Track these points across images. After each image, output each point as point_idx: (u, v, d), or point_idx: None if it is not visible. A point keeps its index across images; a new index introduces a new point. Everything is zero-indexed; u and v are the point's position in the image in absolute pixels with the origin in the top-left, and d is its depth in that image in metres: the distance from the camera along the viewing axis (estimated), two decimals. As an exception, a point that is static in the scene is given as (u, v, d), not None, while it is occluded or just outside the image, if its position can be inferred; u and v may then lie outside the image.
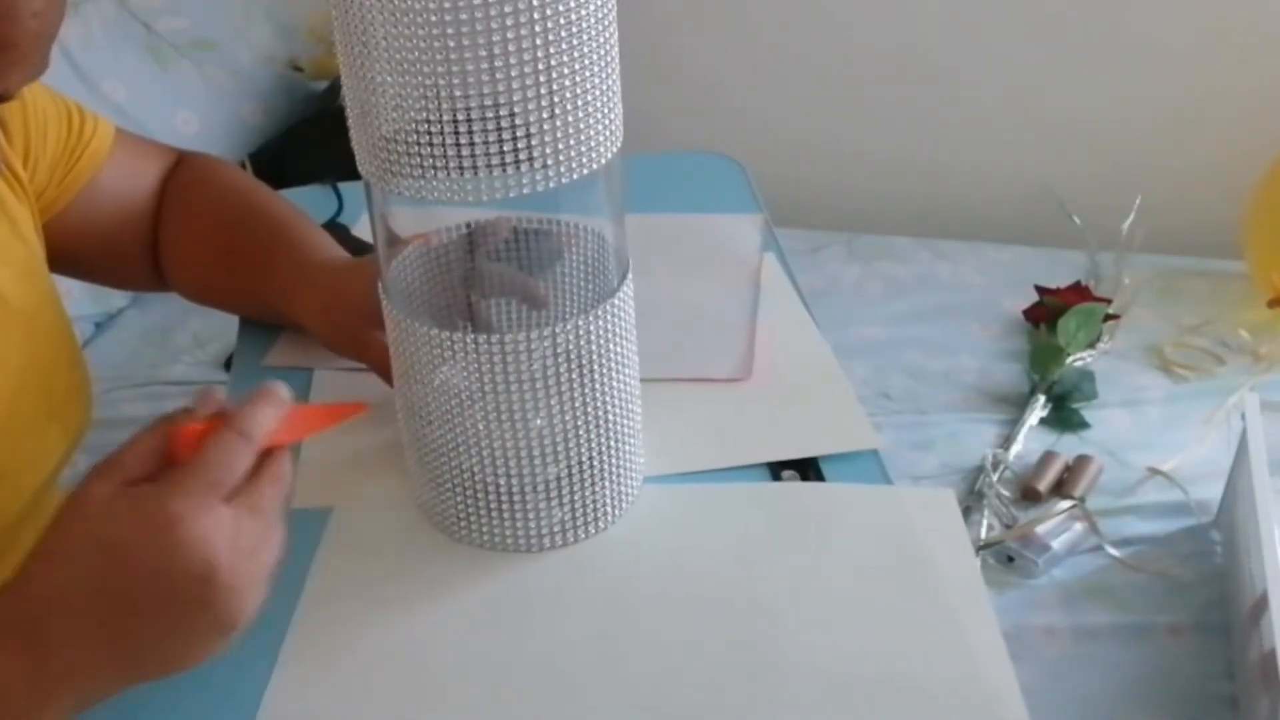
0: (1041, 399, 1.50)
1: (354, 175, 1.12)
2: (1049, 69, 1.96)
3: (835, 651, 0.66)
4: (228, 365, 1.53)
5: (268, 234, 0.90)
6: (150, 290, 1.00)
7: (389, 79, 0.60)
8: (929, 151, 2.04)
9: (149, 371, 1.57)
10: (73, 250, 0.88)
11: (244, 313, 0.97)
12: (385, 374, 0.76)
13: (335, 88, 1.98)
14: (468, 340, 0.66)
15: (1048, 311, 1.63)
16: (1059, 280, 1.68)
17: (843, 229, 1.92)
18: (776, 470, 0.79)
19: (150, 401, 1.52)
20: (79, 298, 1.58)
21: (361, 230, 1.08)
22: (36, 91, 0.83)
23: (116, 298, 1.67)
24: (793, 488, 0.78)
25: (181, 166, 0.96)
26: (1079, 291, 1.66)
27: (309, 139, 1.86)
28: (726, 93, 2.08)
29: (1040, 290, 1.67)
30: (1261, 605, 1.05)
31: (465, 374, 0.67)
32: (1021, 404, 1.51)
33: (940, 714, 0.63)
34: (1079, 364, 1.56)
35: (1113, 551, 1.28)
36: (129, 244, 0.93)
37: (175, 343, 1.62)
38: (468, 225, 0.76)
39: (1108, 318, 1.62)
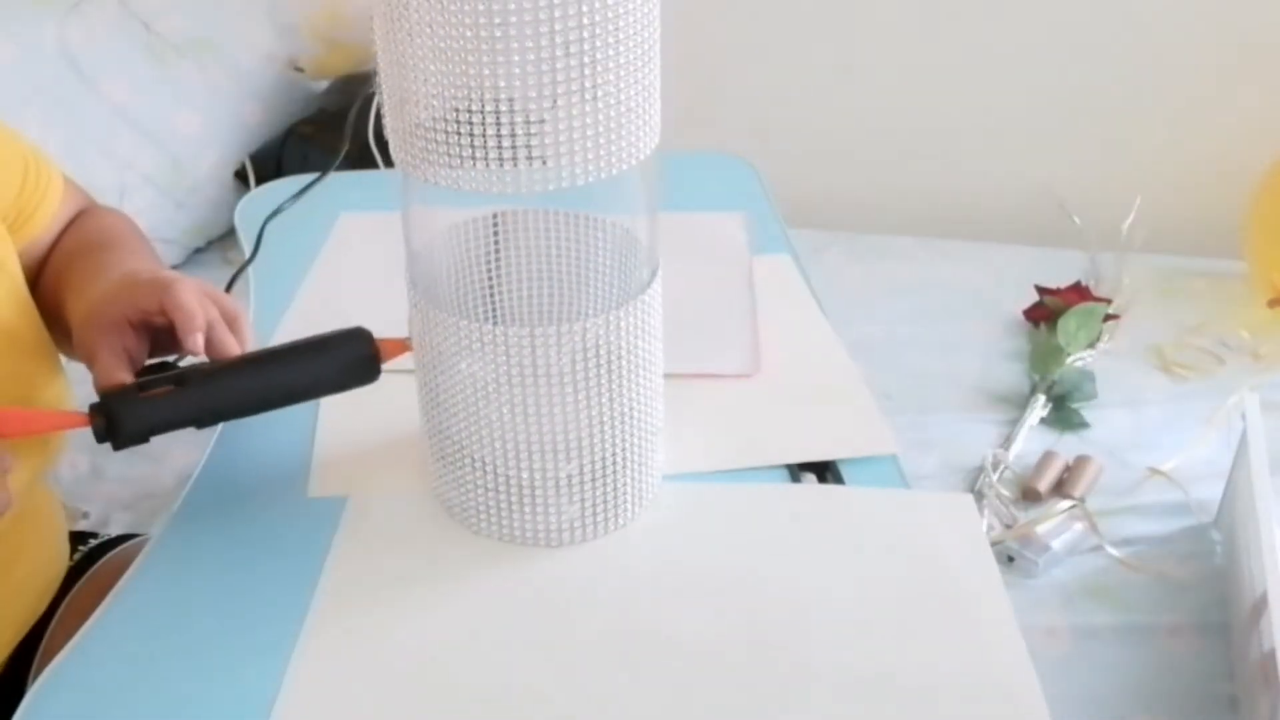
0: (1041, 399, 1.50)
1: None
2: (1049, 69, 1.96)
3: (854, 654, 0.66)
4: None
5: (87, 268, 0.86)
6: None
7: (431, 66, 0.59)
8: (929, 152, 2.04)
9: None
10: None
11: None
12: (100, 385, 0.72)
13: (335, 88, 1.98)
14: (496, 332, 0.65)
15: (1048, 311, 1.63)
16: (1059, 280, 1.68)
17: (843, 229, 1.92)
18: (795, 472, 0.79)
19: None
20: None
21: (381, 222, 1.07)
22: None
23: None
24: (812, 490, 0.78)
25: (81, 213, 0.93)
26: (1079, 291, 1.66)
27: (309, 138, 1.86)
28: (728, 93, 2.08)
29: (1040, 290, 1.67)
30: (1261, 605, 1.05)
31: (491, 366, 0.67)
32: (1021, 404, 1.51)
33: (962, 717, 0.63)
34: (1079, 364, 1.56)
35: (1113, 551, 1.28)
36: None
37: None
38: (494, 215, 0.76)
39: (1108, 318, 1.62)
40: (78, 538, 0.98)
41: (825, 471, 0.79)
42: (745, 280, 1.00)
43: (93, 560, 0.96)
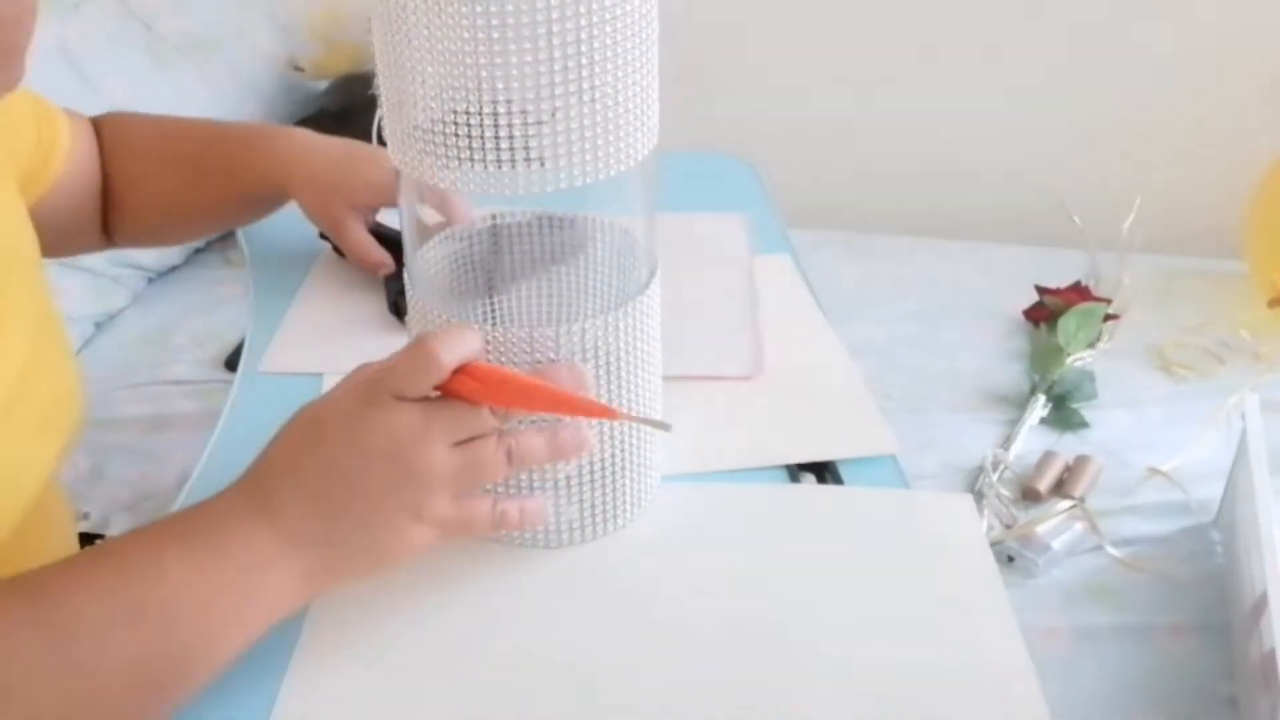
0: (1041, 399, 1.50)
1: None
2: (1049, 69, 1.96)
3: (854, 655, 0.66)
4: (229, 365, 1.53)
5: (243, 132, 0.96)
6: (87, 252, 1.03)
7: (429, 69, 0.60)
8: (929, 152, 2.04)
9: (149, 371, 1.56)
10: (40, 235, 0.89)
11: (214, 224, 1.03)
12: (359, 261, 0.86)
13: (335, 88, 1.98)
14: (495, 334, 0.66)
15: (1048, 311, 1.63)
16: (1059, 280, 1.68)
17: (843, 229, 1.92)
18: (793, 472, 0.79)
19: (150, 401, 1.52)
20: (79, 298, 1.58)
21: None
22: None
23: (116, 297, 1.66)
24: (811, 490, 0.78)
25: (109, 125, 0.97)
26: (1079, 291, 1.66)
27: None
28: (728, 93, 2.08)
29: (1040, 290, 1.67)
30: (1261, 605, 1.05)
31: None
32: (1021, 404, 1.51)
33: (962, 717, 0.63)
34: (1079, 364, 1.56)
35: (1113, 551, 1.28)
36: (87, 216, 0.95)
37: (175, 343, 1.62)
38: (493, 216, 0.76)
39: (1108, 318, 1.62)
40: (80, 540, 0.98)
41: (824, 472, 0.79)
42: (747, 281, 1.00)
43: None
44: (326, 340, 0.93)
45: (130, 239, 1.01)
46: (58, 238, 0.93)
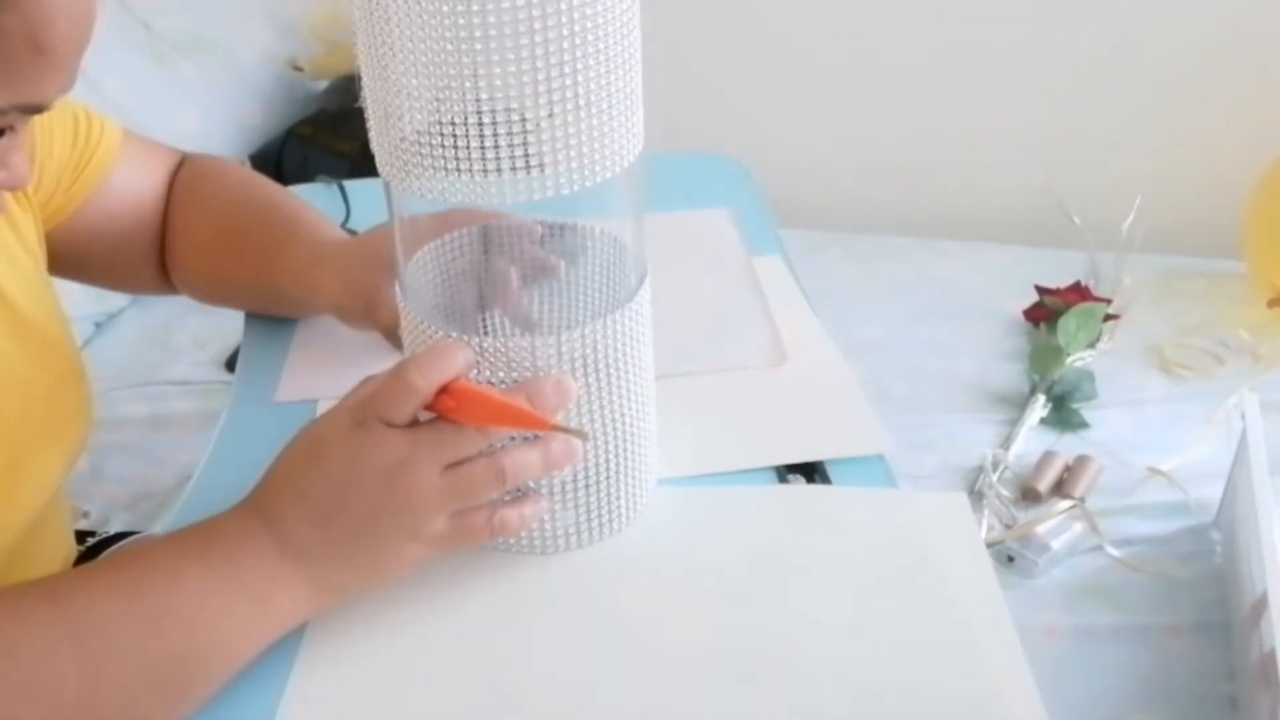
0: (1041, 399, 1.50)
1: (354, 176, 1.11)
2: (1048, 69, 1.96)
3: (848, 656, 0.66)
4: (229, 365, 1.53)
5: (281, 222, 0.91)
6: (153, 293, 0.99)
7: (413, 81, 0.59)
8: (929, 152, 2.04)
9: (149, 371, 1.57)
10: (79, 254, 0.88)
11: (253, 305, 0.97)
12: (393, 340, 0.78)
13: (335, 88, 1.98)
14: (484, 344, 0.65)
15: (1048, 311, 1.63)
16: (1059, 280, 1.68)
17: (843, 229, 1.92)
18: (781, 473, 0.79)
19: (150, 401, 1.52)
20: (79, 298, 1.58)
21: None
22: None
23: (117, 297, 1.67)
24: (804, 491, 0.78)
25: (186, 166, 0.96)
26: (1079, 291, 1.66)
27: (309, 139, 1.86)
28: (727, 93, 2.08)
29: (1040, 290, 1.68)
30: (1261, 605, 1.05)
31: (485, 376, 0.67)
32: (1021, 404, 1.51)
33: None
34: (1079, 364, 1.56)
35: (1113, 551, 1.28)
36: (137, 247, 0.93)
37: (175, 343, 1.62)
38: (483, 227, 0.76)
39: (1108, 318, 1.62)
40: (77, 537, 0.98)
41: (813, 473, 0.79)
42: (749, 274, 1.01)
43: (92, 556, 0.95)
44: (340, 363, 0.89)
45: (185, 287, 0.97)
46: (104, 264, 0.92)
